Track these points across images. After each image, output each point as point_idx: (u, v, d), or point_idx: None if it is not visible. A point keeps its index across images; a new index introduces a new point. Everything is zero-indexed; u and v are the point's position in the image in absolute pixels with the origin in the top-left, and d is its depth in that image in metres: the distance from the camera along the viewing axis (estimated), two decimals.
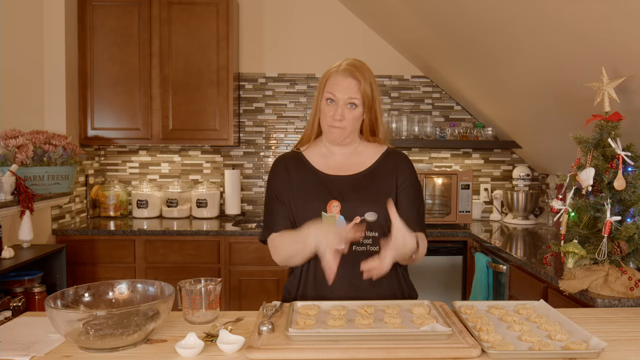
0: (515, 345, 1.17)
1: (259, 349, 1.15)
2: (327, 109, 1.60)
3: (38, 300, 2.51)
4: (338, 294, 1.55)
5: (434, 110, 3.92)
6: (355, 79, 1.57)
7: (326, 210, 1.57)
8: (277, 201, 1.65)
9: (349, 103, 1.58)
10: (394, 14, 3.28)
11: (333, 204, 1.57)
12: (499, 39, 2.58)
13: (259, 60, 3.86)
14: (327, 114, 1.60)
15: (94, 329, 1.14)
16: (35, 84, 3.20)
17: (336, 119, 1.58)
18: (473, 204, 3.72)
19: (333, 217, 1.55)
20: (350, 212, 1.56)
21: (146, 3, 3.44)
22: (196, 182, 3.88)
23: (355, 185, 1.62)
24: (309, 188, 1.63)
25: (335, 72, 1.60)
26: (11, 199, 2.61)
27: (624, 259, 1.77)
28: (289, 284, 1.69)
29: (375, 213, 1.57)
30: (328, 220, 1.55)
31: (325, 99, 1.60)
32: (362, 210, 1.57)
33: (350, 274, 1.54)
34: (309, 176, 1.65)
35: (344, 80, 1.58)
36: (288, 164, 1.68)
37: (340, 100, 1.58)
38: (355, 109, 1.59)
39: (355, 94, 1.57)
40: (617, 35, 1.87)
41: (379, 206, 1.57)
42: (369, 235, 1.57)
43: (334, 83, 1.59)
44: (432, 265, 3.24)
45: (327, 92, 1.60)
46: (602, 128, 1.84)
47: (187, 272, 3.15)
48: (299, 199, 1.62)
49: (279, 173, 1.67)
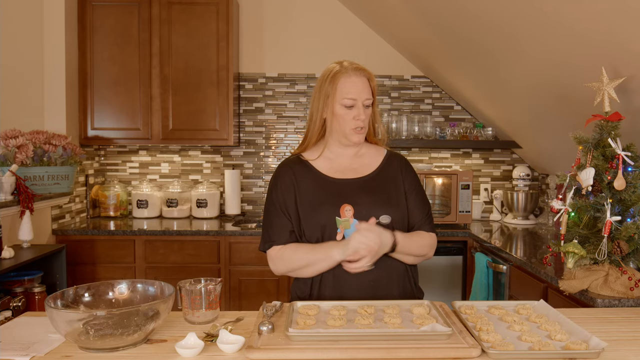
0: (515, 345, 1.17)
1: (259, 349, 1.15)
2: (346, 112, 1.57)
3: (38, 300, 2.51)
4: (357, 294, 1.54)
5: (434, 110, 3.92)
6: (367, 78, 1.59)
7: (339, 215, 1.55)
8: (280, 211, 1.61)
9: (365, 105, 1.59)
10: (394, 14, 3.28)
11: (346, 207, 1.56)
12: (498, 39, 2.58)
13: (259, 60, 3.86)
14: (348, 117, 1.57)
15: (94, 329, 1.14)
16: (35, 83, 3.20)
17: (361, 119, 1.56)
18: (473, 204, 3.72)
19: (347, 221, 1.54)
20: (364, 216, 1.55)
21: (146, 3, 3.44)
22: (196, 182, 3.88)
23: (364, 188, 1.61)
24: (318, 193, 1.60)
25: (345, 74, 1.57)
26: (11, 199, 2.61)
27: (624, 259, 1.77)
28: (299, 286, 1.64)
29: (389, 216, 1.58)
30: (343, 225, 1.54)
31: (344, 105, 1.56)
32: (376, 213, 1.56)
33: (366, 277, 1.54)
34: (316, 181, 1.62)
35: (360, 80, 1.57)
36: (294, 169, 1.64)
37: (359, 102, 1.57)
38: (368, 109, 1.61)
39: (369, 94, 1.59)
40: (616, 35, 1.86)
41: (392, 209, 1.59)
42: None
43: (350, 85, 1.56)
44: (432, 265, 3.24)
45: (344, 97, 1.56)
46: (602, 128, 1.84)
47: (187, 272, 3.15)
48: (308, 205, 1.59)
49: (285, 180, 1.63)
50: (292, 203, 1.61)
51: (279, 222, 1.60)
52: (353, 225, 1.54)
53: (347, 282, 1.55)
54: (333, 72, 1.58)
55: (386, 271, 1.58)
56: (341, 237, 1.54)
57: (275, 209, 1.62)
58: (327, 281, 1.57)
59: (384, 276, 1.58)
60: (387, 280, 1.58)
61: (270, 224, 1.62)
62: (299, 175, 1.63)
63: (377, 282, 1.57)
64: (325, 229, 1.56)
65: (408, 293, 1.63)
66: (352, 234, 1.48)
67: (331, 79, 1.58)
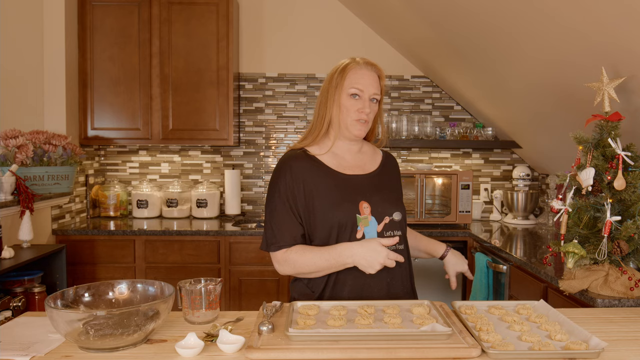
0: (515, 345, 1.17)
1: (259, 349, 1.15)
2: (351, 103, 1.54)
3: (38, 300, 2.51)
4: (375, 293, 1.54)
5: (434, 110, 3.92)
6: (377, 74, 1.58)
7: (359, 212, 1.52)
8: (287, 208, 1.53)
9: (372, 98, 1.57)
10: (394, 14, 3.28)
11: (364, 205, 1.53)
12: (498, 39, 2.58)
13: (259, 60, 3.86)
14: (352, 108, 1.54)
15: (94, 329, 1.14)
16: (35, 84, 3.20)
17: (365, 112, 1.54)
18: (473, 204, 3.72)
19: (366, 219, 1.53)
20: (379, 213, 1.54)
21: (146, 3, 3.44)
22: (196, 182, 3.88)
23: (373, 185, 1.60)
24: (335, 190, 1.54)
25: (356, 66, 1.55)
26: (11, 199, 2.61)
27: (624, 259, 1.77)
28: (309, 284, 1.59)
29: (400, 213, 1.58)
30: (362, 222, 1.52)
31: (350, 93, 1.54)
32: (389, 210, 1.55)
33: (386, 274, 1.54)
34: (330, 177, 1.56)
35: (369, 73, 1.56)
36: (302, 164, 1.56)
37: (366, 95, 1.55)
38: (375, 105, 1.59)
39: (377, 90, 1.58)
40: (617, 35, 1.86)
41: (400, 206, 1.61)
42: (396, 234, 1.57)
43: (359, 77, 1.54)
44: (432, 265, 3.24)
45: (351, 86, 1.54)
46: (602, 128, 1.84)
47: (187, 272, 3.15)
48: (326, 202, 1.52)
49: (293, 174, 1.54)
50: (301, 198, 1.53)
51: (286, 220, 1.53)
52: (371, 222, 1.52)
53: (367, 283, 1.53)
54: (344, 64, 1.58)
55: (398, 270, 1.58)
56: (361, 234, 1.52)
57: (283, 205, 1.53)
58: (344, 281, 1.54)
59: (397, 276, 1.58)
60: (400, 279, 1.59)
61: (275, 221, 1.54)
62: (308, 170, 1.55)
63: (392, 281, 1.57)
64: (341, 227, 1.51)
65: (411, 292, 1.65)
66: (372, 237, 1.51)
67: (341, 70, 1.57)
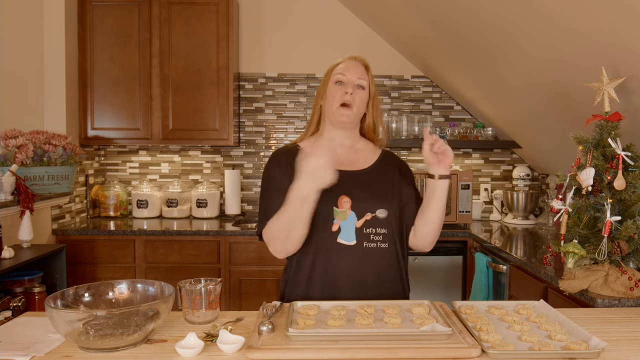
0: (515, 345, 1.17)
1: (259, 349, 1.15)
2: (336, 89, 1.60)
3: (38, 300, 2.51)
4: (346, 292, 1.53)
5: (434, 110, 3.92)
6: (363, 65, 1.64)
7: (337, 205, 1.55)
8: (276, 192, 1.56)
9: (357, 84, 1.61)
10: (393, 14, 3.28)
11: (344, 199, 1.55)
12: (498, 38, 2.58)
13: (259, 60, 3.86)
14: (337, 94, 1.59)
15: (94, 329, 1.14)
16: (35, 84, 3.20)
17: (348, 92, 1.58)
18: (473, 204, 3.72)
19: (345, 212, 1.54)
20: (361, 208, 1.55)
21: (146, 3, 3.44)
22: (196, 182, 3.88)
23: (360, 181, 1.61)
24: None
25: (342, 61, 1.65)
26: (11, 199, 2.61)
27: (624, 259, 1.77)
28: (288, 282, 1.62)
29: (386, 210, 1.58)
30: (340, 216, 1.54)
31: (335, 81, 1.61)
32: (373, 206, 1.57)
33: (360, 270, 1.54)
34: None
35: (353, 63, 1.63)
36: (289, 157, 1.61)
37: (350, 81, 1.60)
38: (363, 91, 1.62)
39: (362, 75, 1.62)
40: (617, 35, 1.86)
41: (387, 204, 1.59)
42: (379, 232, 1.56)
43: (343, 66, 1.63)
44: (432, 265, 3.24)
45: (335, 75, 1.62)
46: (602, 128, 1.84)
47: (187, 272, 3.15)
48: None
49: (280, 164, 1.61)
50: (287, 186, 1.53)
51: (275, 200, 1.54)
52: (350, 217, 1.54)
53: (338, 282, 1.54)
54: (333, 63, 1.67)
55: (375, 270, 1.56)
56: (337, 228, 1.54)
57: (273, 188, 1.58)
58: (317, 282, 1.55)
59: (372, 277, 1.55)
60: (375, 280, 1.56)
61: (265, 204, 1.59)
62: (293, 163, 1.56)
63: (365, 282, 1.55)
64: (317, 218, 1.52)
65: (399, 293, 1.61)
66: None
67: (330, 68, 1.67)
